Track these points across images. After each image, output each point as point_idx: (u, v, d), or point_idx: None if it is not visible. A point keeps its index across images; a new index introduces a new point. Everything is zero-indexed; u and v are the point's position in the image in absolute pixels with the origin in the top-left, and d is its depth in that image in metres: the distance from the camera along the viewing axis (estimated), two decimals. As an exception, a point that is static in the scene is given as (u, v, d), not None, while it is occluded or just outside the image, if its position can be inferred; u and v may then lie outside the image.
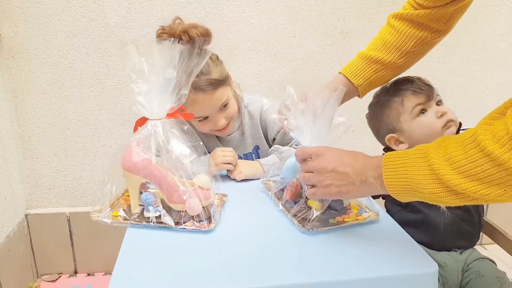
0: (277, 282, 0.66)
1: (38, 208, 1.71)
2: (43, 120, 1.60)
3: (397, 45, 0.94)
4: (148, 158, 0.80)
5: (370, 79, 0.96)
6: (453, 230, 0.99)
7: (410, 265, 0.70)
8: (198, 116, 1.10)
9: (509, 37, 1.73)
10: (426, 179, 0.60)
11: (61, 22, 1.50)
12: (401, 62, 0.95)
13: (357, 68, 0.96)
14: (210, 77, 1.05)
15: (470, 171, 0.55)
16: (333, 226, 0.80)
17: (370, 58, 0.95)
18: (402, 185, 0.64)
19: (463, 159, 0.56)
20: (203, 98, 1.06)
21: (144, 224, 0.81)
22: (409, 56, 0.96)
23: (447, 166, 0.58)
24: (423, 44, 0.95)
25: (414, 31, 0.93)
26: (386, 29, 0.97)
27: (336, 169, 0.72)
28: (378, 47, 0.95)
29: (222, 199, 0.92)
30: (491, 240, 1.05)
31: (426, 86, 0.98)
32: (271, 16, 1.59)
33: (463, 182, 0.56)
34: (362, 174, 0.69)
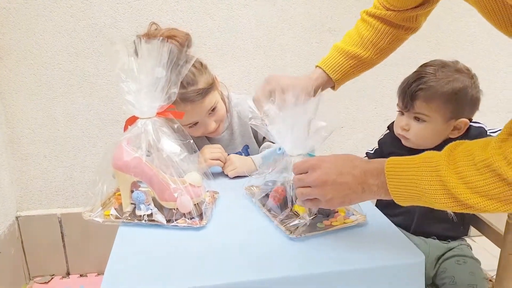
0: (268, 275, 0.67)
1: (29, 210, 1.70)
2: (32, 121, 1.59)
3: (373, 41, 0.98)
4: (139, 156, 0.81)
5: (347, 74, 1.00)
6: (429, 216, 1.02)
7: (396, 256, 0.72)
8: (188, 123, 1.11)
9: (494, 34, 1.75)
10: (439, 194, 0.61)
11: (49, 23, 1.49)
12: (376, 57, 1.00)
13: (335, 62, 0.99)
14: (197, 87, 1.06)
15: (488, 192, 0.58)
16: (321, 231, 0.79)
17: (348, 54, 0.98)
18: (411, 195, 0.65)
19: (480, 181, 0.58)
20: (193, 108, 1.07)
21: (135, 223, 0.82)
22: (383, 51, 1.00)
23: (463, 185, 0.60)
24: (396, 40, 0.99)
25: (388, 28, 0.97)
26: (362, 24, 1.00)
27: (336, 180, 0.70)
28: (355, 43, 0.99)
29: (214, 196, 0.93)
30: (479, 233, 1.07)
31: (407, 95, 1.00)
32: (260, 15, 1.60)
33: (482, 201, 0.59)
34: (363, 183, 0.69)
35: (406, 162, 0.66)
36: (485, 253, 1.11)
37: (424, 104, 0.97)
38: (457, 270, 0.98)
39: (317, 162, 0.73)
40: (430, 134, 0.99)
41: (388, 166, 0.67)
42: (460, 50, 1.77)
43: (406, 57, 1.74)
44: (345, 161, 0.72)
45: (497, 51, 1.79)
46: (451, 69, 0.99)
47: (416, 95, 0.97)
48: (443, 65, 0.99)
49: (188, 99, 1.05)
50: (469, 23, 1.74)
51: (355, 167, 0.70)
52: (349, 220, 0.83)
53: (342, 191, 0.70)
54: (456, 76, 0.97)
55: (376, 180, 0.68)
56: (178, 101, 1.00)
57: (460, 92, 0.96)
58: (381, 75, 1.76)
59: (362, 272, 0.69)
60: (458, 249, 1.03)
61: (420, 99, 0.97)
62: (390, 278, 0.70)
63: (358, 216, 0.84)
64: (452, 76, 0.96)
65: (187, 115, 1.06)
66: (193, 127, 1.14)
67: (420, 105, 0.97)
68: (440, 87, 0.95)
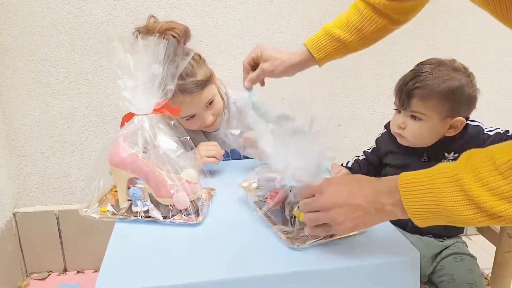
0: (264, 272, 0.67)
1: (26, 207, 1.70)
2: (29, 118, 1.59)
3: (358, 27, 0.99)
4: (135, 153, 0.81)
5: (330, 54, 1.02)
6: None
7: (391, 253, 0.72)
8: (185, 115, 1.11)
9: (492, 32, 1.76)
10: (462, 205, 0.57)
11: (46, 19, 1.49)
12: (359, 43, 1.01)
13: (320, 43, 1.01)
14: (196, 78, 1.07)
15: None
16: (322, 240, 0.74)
17: (333, 36, 1.01)
18: (430, 211, 0.60)
19: (504, 185, 0.55)
20: (191, 100, 1.07)
21: (132, 219, 0.82)
22: (366, 39, 1.01)
23: (486, 192, 0.56)
24: (381, 30, 1.00)
25: (375, 17, 0.98)
26: (353, 8, 1.02)
27: (348, 202, 0.65)
28: (342, 26, 1.00)
29: (210, 193, 0.93)
30: (476, 231, 1.07)
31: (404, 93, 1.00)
32: (257, 12, 1.60)
33: (509, 207, 0.55)
34: (376, 202, 0.64)
35: (420, 176, 0.62)
36: (482, 252, 1.12)
37: (420, 102, 0.97)
38: (455, 267, 0.99)
39: (323, 184, 0.69)
40: (426, 132, 1.00)
41: (401, 182, 0.63)
42: (457, 49, 1.77)
43: (404, 56, 1.75)
44: (353, 181, 0.69)
45: (495, 50, 1.80)
46: (448, 67, 0.99)
47: (413, 93, 0.97)
48: (440, 64, 0.99)
49: (187, 90, 1.05)
50: (466, 22, 1.74)
51: (364, 187, 0.66)
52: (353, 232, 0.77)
53: (353, 212, 0.65)
54: (452, 74, 0.97)
55: (389, 199, 0.63)
56: (176, 92, 1.00)
57: (457, 91, 0.96)
58: (378, 74, 1.76)
59: (357, 269, 0.69)
60: (455, 247, 1.04)
61: (416, 98, 0.97)
62: (385, 275, 0.70)
63: None
64: (448, 74, 0.97)
65: (185, 107, 1.06)
66: (190, 120, 1.14)
67: (416, 104, 0.97)
68: (436, 86, 0.95)
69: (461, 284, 0.95)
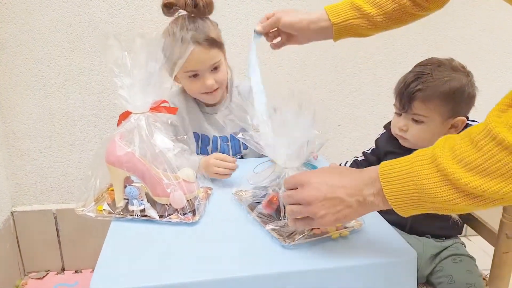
0: (261, 271, 0.67)
1: (24, 206, 1.70)
2: (28, 117, 1.59)
3: (379, 2, 0.94)
4: (132, 151, 0.80)
5: (346, 23, 0.96)
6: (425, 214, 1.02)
7: (389, 253, 0.72)
8: (189, 69, 1.13)
9: (491, 32, 1.75)
10: (439, 186, 0.56)
11: (45, 18, 1.49)
12: (379, 19, 0.95)
13: (340, 8, 0.96)
14: (208, 34, 1.11)
15: (488, 169, 0.53)
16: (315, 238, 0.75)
17: (353, 4, 0.95)
18: (410, 197, 0.59)
19: (478, 158, 0.53)
20: (198, 52, 1.10)
21: (128, 218, 0.81)
22: (388, 17, 0.95)
23: (461, 169, 0.54)
24: (403, 11, 0.94)
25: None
26: None
27: (328, 196, 0.65)
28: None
29: (207, 192, 0.93)
30: (476, 232, 1.07)
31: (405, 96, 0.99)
32: (256, 11, 1.59)
33: (483, 182, 0.53)
34: (358, 195, 0.64)
35: (400, 162, 0.62)
36: (481, 252, 1.11)
37: (422, 105, 0.96)
38: (454, 269, 0.98)
39: (305, 177, 0.69)
40: (429, 134, 0.99)
41: (382, 170, 0.62)
42: (457, 49, 1.76)
43: (403, 55, 1.75)
44: (334, 173, 0.68)
45: (494, 49, 1.79)
46: (447, 67, 0.98)
47: (414, 96, 0.96)
48: (439, 64, 0.99)
49: (197, 40, 1.09)
50: (466, 22, 1.73)
51: (345, 179, 0.66)
52: (345, 232, 0.77)
53: (334, 206, 0.65)
54: (452, 75, 0.97)
55: (371, 189, 0.63)
56: (187, 40, 1.08)
57: (458, 91, 0.96)
58: (377, 73, 1.76)
59: (354, 269, 0.69)
60: (454, 248, 1.03)
61: (418, 100, 0.96)
62: (382, 275, 0.70)
63: (354, 223, 0.79)
64: (449, 75, 0.96)
65: (190, 59, 1.07)
66: (192, 79, 1.15)
67: (418, 106, 0.97)
68: (437, 87, 0.95)
69: (460, 286, 0.95)
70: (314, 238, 0.74)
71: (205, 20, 1.15)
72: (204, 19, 1.15)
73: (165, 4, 1.12)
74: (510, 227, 0.91)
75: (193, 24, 1.12)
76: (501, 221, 0.92)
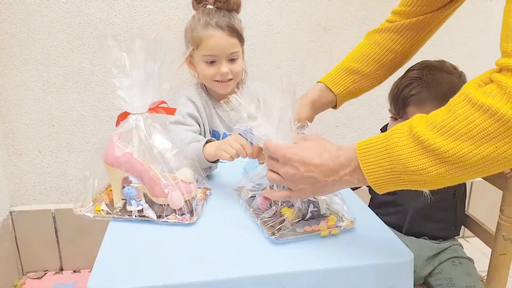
0: (258, 273, 0.67)
1: (23, 205, 1.70)
2: (27, 117, 1.59)
3: (376, 58, 0.95)
4: (130, 152, 0.81)
5: (349, 89, 0.98)
6: (423, 216, 1.02)
7: (385, 254, 0.72)
8: (209, 53, 1.17)
9: (489, 34, 1.76)
10: (413, 155, 0.58)
11: (45, 18, 1.49)
12: (379, 73, 0.97)
13: (336, 78, 0.97)
14: (232, 22, 1.17)
15: (460, 131, 0.54)
16: (303, 235, 0.76)
17: (349, 69, 0.96)
18: (385, 170, 0.61)
19: (451, 121, 0.55)
20: (220, 36, 1.15)
21: (126, 218, 0.82)
22: (386, 67, 0.97)
23: (434, 134, 0.56)
24: (401, 56, 0.97)
25: (393, 45, 0.95)
26: (365, 43, 0.98)
27: (305, 174, 0.69)
28: (356, 59, 0.97)
29: (205, 192, 0.93)
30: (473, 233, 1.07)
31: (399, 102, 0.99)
32: (256, 13, 1.59)
33: (454, 146, 0.55)
34: (333, 175, 0.68)
35: (377, 138, 0.65)
36: (478, 254, 1.12)
37: (416, 109, 0.97)
38: (454, 271, 0.99)
39: (287, 154, 0.71)
40: None
41: (359, 147, 0.65)
42: (453, 51, 1.77)
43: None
44: (315, 152, 0.70)
45: (491, 51, 1.79)
46: (438, 70, 0.99)
47: (408, 102, 0.97)
48: (430, 68, 1.00)
49: (220, 25, 1.16)
50: (463, 24, 1.74)
51: (324, 160, 0.68)
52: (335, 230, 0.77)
53: (313, 184, 0.70)
54: (444, 77, 0.97)
55: (347, 168, 0.66)
56: (211, 25, 1.15)
57: (450, 93, 0.96)
58: (376, 75, 1.76)
59: (350, 270, 0.69)
60: (452, 250, 1.03)
61: (412, 105, 0.97)
62: (378, 277, 0.70)
63: (346, 223, 0.79)
64: (441, 78, 0.97)
65: (212, 41, 1.15)
66: (209, 64, 1.19)
67: (412, 111, 0.97)
68: (430, 91, 0.96)
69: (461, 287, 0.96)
70: (304, 234, 0.75)
71: (232, 13, 1.20)
72: (231, 12, 1.20)
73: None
74: (507, 229, 0.92)
75: (219, 13, 1.18)
76: (498, 222, 0.93)
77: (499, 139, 0.53)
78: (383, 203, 1.06)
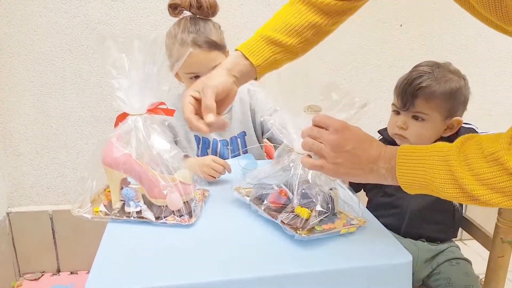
0: (257, 273, 0.67)
1: (20, 206, 1.69)
2: (25, 118, 1.59)
3: (298, 30, 0.89)
4: (128, 153, 0.80)
5: (269, 60, 0.90)
6: (420, 218, 1.02)
7: (384, 256, 0.72)
8: (189, 71, 1.15)
9: (486, 37, 1.77)
10: (447, 183, 0.63)
11: (43, 19, 1.49)
12: (300, 47, 0.92)
13: (255, 47, 0.89)
14: (209, 37, 1.14)
15: (495, 185, 0.60)
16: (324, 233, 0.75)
17: (270, 39, 0.90)
18: (418, 182, 0.66)
19: (487, 173, 0.60)
20: (198, 54, 1.13)
21: (124, 219, 0.81)
22: (307, 43, 0.92)
23: (471, 176, 0.61)
24: (322, 33, 0.92)
25: (318, 18, 0.89)
26: (289, 9, 0.91)
27: (351, 151, 0.69)
28: (279, 29, 0.90)
29: (204, 194, 0.93)
30: (471, 236, 1.07)
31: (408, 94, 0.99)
32: (254, 14, 1.60)
33: (487, 193, 0.60)
34: (374, 163, 0.69)
35: (418, 150, 0.68)
36: (476, 256, 1.12)
37: (424, 102, 0.98)
38: (452, 271, 0.99)
39: (341, 125, 0.71)
40: (428, 132, 1.00)
41: (400, 152, 0.68)
42: (453, 54, 1.77)
43: (400, 60, 1.75)
44: (366, 137, 0.72)
45: (489, 55, 1.80)
46: (445, 69, 1.00)
47: (417, 94, 0.97)
48: (438, 65, 1.01)
49: (197, 43, 1.13)
50: (462, 26, 1.74)
51: (372, 146, 0.71)
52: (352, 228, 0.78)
53: (352, 162, 0.70)
54: (451, 76, 0.99)
55: (386, 164, 0.69)
56: (188, 43, 1.12)
57: (457, 92, 0.98)
58: (375, 78, 1.77)
59: (349, 271, 0.69)
60: (449, 252, 1.04)
61: (421, 98, 0.98)
62: (377, 278, 0.70)
63: (357, 221, 0.80)
64: (447, 75, 0.98)
65: (191, 61, 1.11)
66: (193, 80, 1.17)
67: (420, 104, 0.98)
68: (439, 86, 0.97)
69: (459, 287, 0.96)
70: (324, 233, 0.75)
71: (208, 23, 1.17)
72: (207, 21, 1.17)
73: (170, 4, 1.15)
74: (505, 231, 0.92)
75: (195, 27, 1.14)
76: (496, 225, 0.93)
77: None
78: (381, 205, 1.06)
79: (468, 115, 1.05)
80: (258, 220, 0.83)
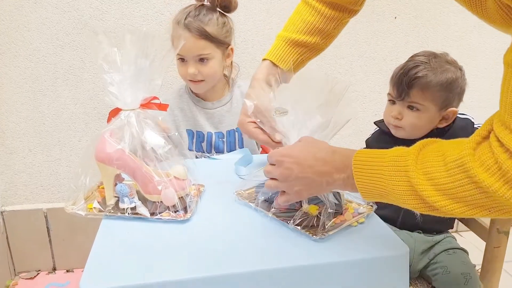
0: (251, 268, 0.66)
1: (14, 205, 1.68)
2: (17, 115, 1.57)
3: (320, 28, 0.92)
4: (122, 148, 0.79)
5: (297, 62, 0.94)
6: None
7: (382, 248, 0.72)
8: (178, 53, 1.16)
9: (481, 29, 1.77)
10: (407, 195, 0.60)
11: (34, 14, 1.47)
12: (323, 43, 0.96)
13: (282, 53, 0.93)
14: (203, 25, 1.14)
15: (456, 195, 0.56)
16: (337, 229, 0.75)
17: (295, 42, 0.92)
18: (378, 193, 0.64)
19: (449, 183, 0.57)
20: (187, 38, 1.14)
21: (119, 216, 0.80)
22: (330, 37, 0.96)
23: (430, 187, 0.58)
24: (341, 24, 0.95)
25: (334, 13, 0.92)
26: (305, 8, 0.93)
27: (299, 175, 0.70)
28: (301, 30, 0.92)
29: (199, 189, 0.92)
30: (467, 228, 1.08)
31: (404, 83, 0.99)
32: (248, 9, 1.58)
33: (449, 203, 0.57)
34: (328, 176, 0.68)
35: (374, 160, 0.65)
36: (472, 247, 1.12)
37: (420, 92, 0.98)
38: (449, 260, 0.99)
39: (281, 157, 0.73)
40: (423, 123, 1.00)
41: (355, 161, 0.66)
42: (448, 46, 1.77)
43: (395, 52, 1.75)
44: (309, 153, 0.71)
45: (485, 47, 1.80)
46: (442, 60, 1.00)
47: (413, 83, 0.97)
48: (435, 56, 1.01)
49: (188, 26, 1.14)
50: (457, 19, 1.74)
51: (318, 160, 0.70)
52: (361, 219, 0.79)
53: (307, 185, 0.71)
54: (447, 66, 0.98)
55: (341, 174, 0.67)
56: (181, 24, 1.15)
57: (453, 83, 0.98)
58: (369, 71, 1.76)
59: (346, 264, 0.69)
60: (446, 242, 1.04)
61: (416, 88, 0.98)
62: (374, 271, 0.70)
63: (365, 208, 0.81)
64: (444, 66, 0.98)
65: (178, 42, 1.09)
66: (180, 62, 1.21)
67: (416, 94, 0.98)
68: (435, 76, 0.97)
69: (456, 276, 0.96)
70: (337, 228, 0.75)
71: (212, 14, 1.17)
72: (213, 13, 1.17)
73: None
74: (501, 222, 0.92)
75: (195, 13, 1.16)
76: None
77: (492, 206, 0.56)
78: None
79: (464, 106, 1.05)
80: (254, 215, 0.83)
